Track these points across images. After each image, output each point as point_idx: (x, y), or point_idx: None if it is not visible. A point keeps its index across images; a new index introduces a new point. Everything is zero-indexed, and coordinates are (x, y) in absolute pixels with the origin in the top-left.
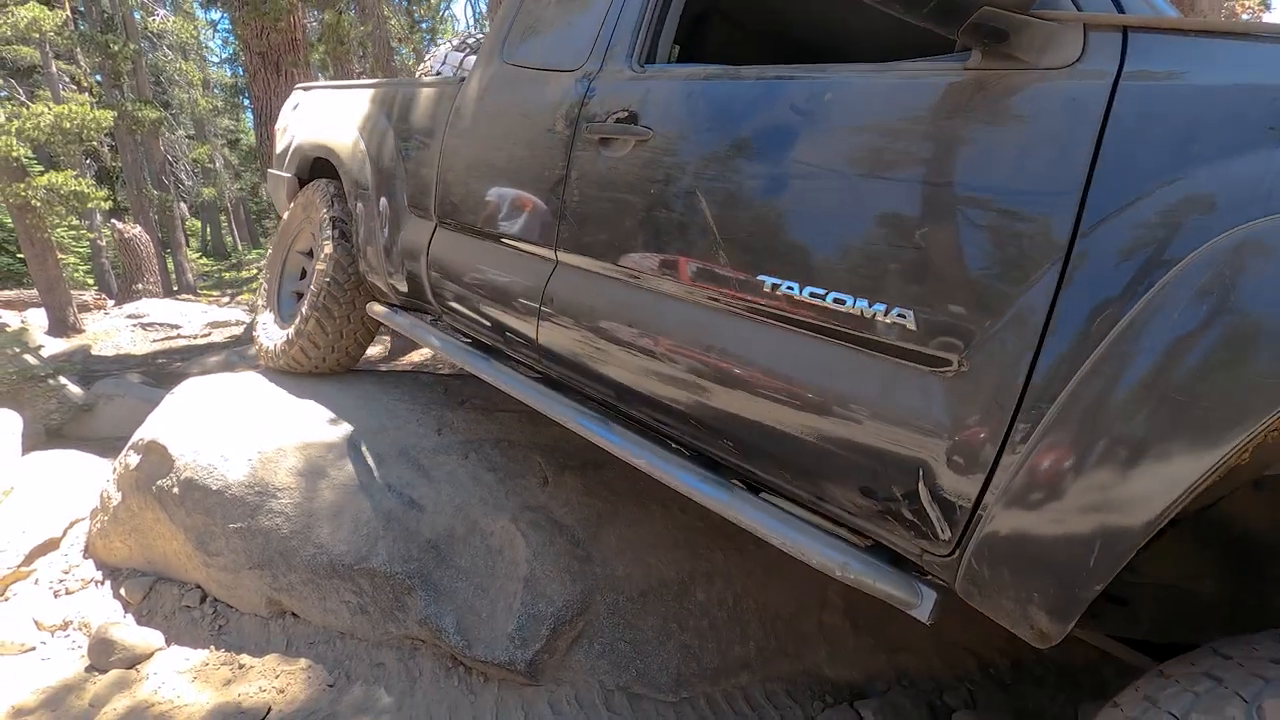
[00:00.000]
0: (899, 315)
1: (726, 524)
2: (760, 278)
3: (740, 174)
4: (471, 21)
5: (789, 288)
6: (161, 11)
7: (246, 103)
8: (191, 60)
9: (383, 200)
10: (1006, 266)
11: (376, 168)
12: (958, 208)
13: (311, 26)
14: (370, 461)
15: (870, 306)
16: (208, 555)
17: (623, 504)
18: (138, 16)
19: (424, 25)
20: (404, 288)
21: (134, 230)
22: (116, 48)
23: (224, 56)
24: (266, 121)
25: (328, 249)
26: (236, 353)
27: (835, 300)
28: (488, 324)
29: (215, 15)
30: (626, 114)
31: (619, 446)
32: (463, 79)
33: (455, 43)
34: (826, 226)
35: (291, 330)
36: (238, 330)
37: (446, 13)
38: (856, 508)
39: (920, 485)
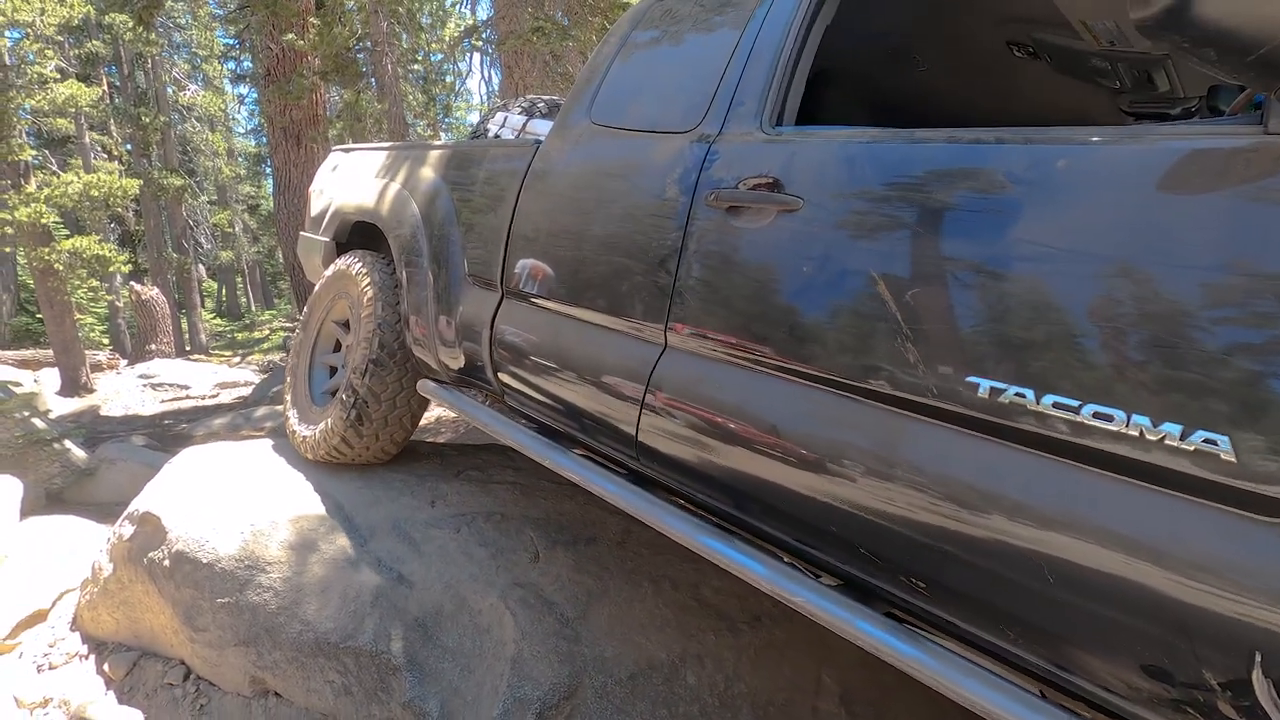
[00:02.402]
0: (1206, 441)
1: (718, 603)
2: (972, 379)
3: (937, 252)
4: (485, 98)
5: (1019, 394)
6: (193, 87)
7: (268, 170)
8: (218, 131)
9: (436, 269)
10: None
11: (429, 234)
12: None
13: (332, 102)
14: (362, 535)
15: (1156, 426)
16: (194, 630)
17: (613, 581)
18: (170, 91)
19: (440, 100)
20: (458, 364)
21: (151, 292)
22: (148, 120)
23: (249, 128)
24: (285, 190)
25: (370, 320)
26: (243, 414)
27: (1097, 415)
28: (564, 410)
29: (243, 89)
30: (768, 180)
31: (767, 579)
32: (537, 142)
33: (515, 106)
34: (1077, 318)
35: (332, 416)
36: (246, 391)
37: (461, 87)
38: (1129, 690)
39: (1256, 676)
